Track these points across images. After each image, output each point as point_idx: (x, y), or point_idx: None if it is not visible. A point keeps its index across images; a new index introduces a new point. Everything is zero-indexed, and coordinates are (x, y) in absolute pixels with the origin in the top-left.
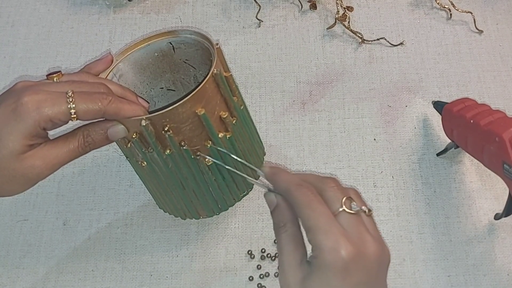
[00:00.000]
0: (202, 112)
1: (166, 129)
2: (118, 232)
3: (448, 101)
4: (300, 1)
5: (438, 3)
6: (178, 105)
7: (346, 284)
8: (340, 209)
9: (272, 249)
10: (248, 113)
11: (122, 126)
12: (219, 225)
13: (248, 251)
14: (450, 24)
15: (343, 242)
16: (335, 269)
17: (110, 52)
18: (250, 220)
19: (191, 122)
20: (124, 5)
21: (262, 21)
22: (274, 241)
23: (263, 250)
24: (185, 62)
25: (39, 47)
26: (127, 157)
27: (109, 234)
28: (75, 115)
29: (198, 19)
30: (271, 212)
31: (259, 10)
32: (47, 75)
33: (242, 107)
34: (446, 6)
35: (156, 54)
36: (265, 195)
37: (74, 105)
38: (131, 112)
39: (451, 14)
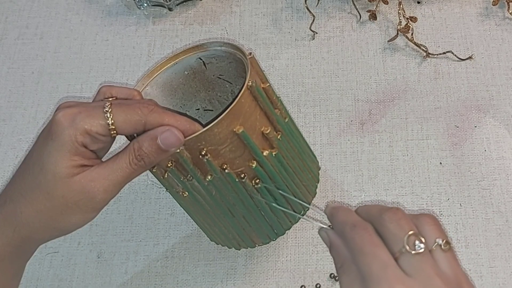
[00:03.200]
0: (241, 130)
1: (203, 153)
2: (158, 266)
3: None
4: (358, 11)
5: (510, 13)
6: (213, 125)
7: None
8: (403, 250)
9: (327, 284)
10: (295, 126)
11: (175, 129)
12: (269, 257)
13: (301, 286)
14: None
15: None
16: None
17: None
18: (303, 252)
19: (230, 142)
20: (164, 15)
21: (316, 33)
22: (330, 275)
23: (318, 286)
24: (219, 78)
25: (70, 61)
26: (166, 189)
27: (148, 267)
28: (113, 127)
29: (245, 31)
30: (329, 250)
31: (313, 20)
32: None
33: (286, 120)
34: None
35: (186, 72)
36: (319, 232)
37: (111, 115)
38: (175, 122)
39: None
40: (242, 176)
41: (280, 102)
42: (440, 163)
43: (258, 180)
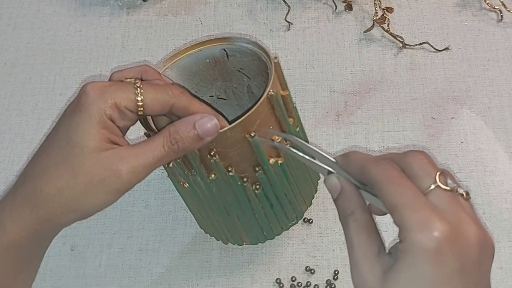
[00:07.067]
0: (253, 137)
1: (212, 153)
2: (132, 258)
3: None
4: (334, 1)
5: (487, 3)
6: (227, 129)
7: (440, 271)
8: (433, 186)
9: (303, 277)
10: (305, 134)
11: (213, 116)
12: (244, 250)
13: (277, 279)
14: (501, 26)
15: (436, 218)
16: (426, 252)
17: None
18: (278, 245)
19: (240, 147)
20: (138, 6)
21: (291, 24)
22: (306, 268)
23: (293, 279)
24: (239, 71)
25: (43, 52)
26: (168, 175)
27: (122, 260)
28: (141, 103)
29: (220, 21)
30: (335, 200)
31: (288, 11)
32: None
33: (297, 129)
34: (497, 7)
35: (207, 60)
36: (325, 180)
37: (141, 91)
38: (203, 111)
39: (502, 16)
40: (244, 180)
41: (295, 111)
42: None
43: (258, 185)
